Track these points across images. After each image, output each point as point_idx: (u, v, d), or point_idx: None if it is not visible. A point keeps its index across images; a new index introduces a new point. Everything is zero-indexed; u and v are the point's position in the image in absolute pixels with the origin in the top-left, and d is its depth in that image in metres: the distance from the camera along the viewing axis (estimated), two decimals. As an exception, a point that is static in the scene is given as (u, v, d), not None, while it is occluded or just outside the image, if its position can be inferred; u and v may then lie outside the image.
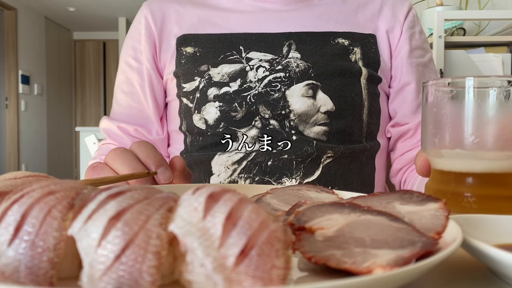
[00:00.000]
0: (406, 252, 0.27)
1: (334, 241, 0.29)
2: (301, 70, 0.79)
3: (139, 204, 0.25)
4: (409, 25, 0.88)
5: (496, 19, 1.97)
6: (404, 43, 0.86)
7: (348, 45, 0.82)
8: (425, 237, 0.29)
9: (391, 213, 0.33)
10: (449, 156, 0.46)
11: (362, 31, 0.85)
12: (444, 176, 0.48)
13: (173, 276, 0.27)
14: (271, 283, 0.22)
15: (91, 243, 0.24)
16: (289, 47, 0.81)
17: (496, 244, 0.33)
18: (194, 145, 0.82)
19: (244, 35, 0.83)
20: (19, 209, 0.25)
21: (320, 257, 0.27)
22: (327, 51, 0.81)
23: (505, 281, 0.30)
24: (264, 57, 0.80)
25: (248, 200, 0.26)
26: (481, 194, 0.45)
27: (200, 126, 0.80)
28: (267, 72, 0.78)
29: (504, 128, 0.44)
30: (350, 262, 0.26)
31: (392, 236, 0.29)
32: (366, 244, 0.28)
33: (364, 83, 0.81)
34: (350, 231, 0.30)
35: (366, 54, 0.83)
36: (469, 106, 0.45)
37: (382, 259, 0.26)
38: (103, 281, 0.23)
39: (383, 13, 0.88)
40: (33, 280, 0.24)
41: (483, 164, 0.45)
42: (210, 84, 0.79)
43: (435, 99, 0.47)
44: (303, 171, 0.75)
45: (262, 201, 0.44)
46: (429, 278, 0.31)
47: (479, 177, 0.45)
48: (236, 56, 0.80)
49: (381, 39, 0.86)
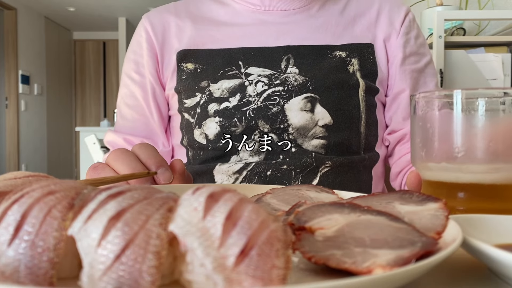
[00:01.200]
0: (406, 252, 0.27)
1: (334, 241, 0.29)
2: (299, 84, 0.79)
3: (139, 204, 0.25)
4: (405, 31, 0.88)
5: (496, 19, 1.97)
6: (398, 51, 0.86)
7: (345, 56, 0.83)
8: (425, 237, 0.29)
9: (391, 213, 0.33)
10: (436, 170, 0.46)
11: (359, 41, 0.85)
12: (433, 188, 0.48)
13: (173, 276, 0.27)
14: (271, 283, 0.22)
15: (91, 243, 0.24)
16: (287, 62, 0.81)
17: (496, 244, 0.33)
18: (195, 159, 0.83)
19: (243, 50, 0.83)
20: (19, 209, 0.25)
21: (320, 257, 0.27)
22: (324, 64, 0.81)
23: (505, 281, 0.30)
24: (263, 72, 0.81)
25: (248, 200, 0.26)
26: (470, 207, 0.44)
27: (201, 141, 0.81)
28: (266, 86, 0.79)
29: (489, 141, 0.43)
30: (350, 262, 0.26)
31: (392, 236, 0.29)
32: (366, 244, 0.29)
33: (362, 95, 0.81)
34: (350, 231, 0.30)
35: (364, 65, 0.83)
36: (456, 119, 0.44)
37: (382, 259, 0.26)
38: (103, 281, 0.23)
39: (380, 21, 0.88)
40: (33, 280, 0.24)
41: (471, 177, 0.44)
42: (211, 99, 0.80)
43: (422, 112, 0.47)
44: (301, 180, 0.77)
45: (262, 201, 0.44)
46: (429, 278, 0.31)
47: (468, 190, 0.45)
48: (236, 71, 0.81)
49: (378, 48, 0.86)
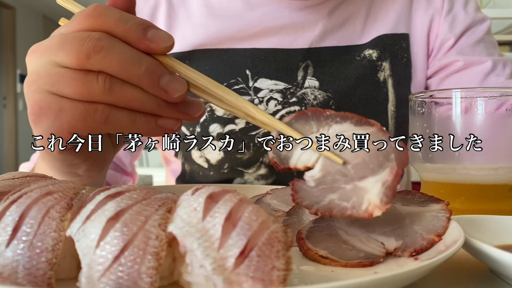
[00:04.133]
0: (387, 174, 0.31)
1: (325, 183, 0.32)
2: (319, 103, 0.68)
3: (138, 204, 0.25)
4: (448, 8, 0.72)
5: (497, 18, 1.97)
6: (446, 36, 0.71)
7: (376, 58, 0.70)
8: (391, 141, 0.32)
9: (352, 115, 0.34)
10: (435, 171, 0.46)
11: (393, 31, 0.71)
12: (432, 189, 0.48)
13: (172, 277, 0.27)
14: (271, 285, 0.22)
15: (90, 244, 0.23)
16: (305, 71, 0.68)
17: (498, 245, 0.33)
18: (193, 178, 0.72)
19: (251, 52, 0.68)
20: (17, 210, 0.25)
21: (324, 208, 0.31)
22: (351, 72, 0.69)
23: (506, 282, 0.30)
24: (276, 86, 0.67)
25: (248, 200, 0.26)
26: (469, 208, 0.44)
27: (201, 164, 0.70)
28: (280, 105, 0.67)
29: (488, 142, 0.42)
30: (350, 207, 0.30)
31: (369, 154, 0.32)
32: (353, 176, 0.32)
33: (391, 111, 0.70)
34: (332, 164, 0.33)
35: (396, 69, 0.70)
36: (455, 119, 0.44)
37: (373, 194, 0.30)
38: (101, 282, 0.22)
39: (416, 0, 0.73)
40: (31, 281, 0.23)
41: (469, 178, 0.44)
42: (213, 118, 0.67)
43: (420, 112, 0.47)
44: None
45: (262, 202, 0.43)
46: (431, 278, 0.31)
47: (467, 191, 0.45)
48: (242, 85, 0.67)
49: (416, 40, 0.72)
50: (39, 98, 0.35)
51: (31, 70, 0.36)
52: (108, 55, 0.33)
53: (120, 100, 0.35)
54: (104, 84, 0.34)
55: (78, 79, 0.34)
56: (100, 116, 0.35)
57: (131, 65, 0.34)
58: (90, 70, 0.34)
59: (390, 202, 0.30)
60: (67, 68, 0.34)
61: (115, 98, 0.34)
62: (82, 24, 0.35)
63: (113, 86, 0.34)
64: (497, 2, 2.13)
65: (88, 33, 0.34)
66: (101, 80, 0.34)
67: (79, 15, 0.35)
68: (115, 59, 0.33)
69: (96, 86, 0.34)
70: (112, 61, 0.33)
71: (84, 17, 0.35)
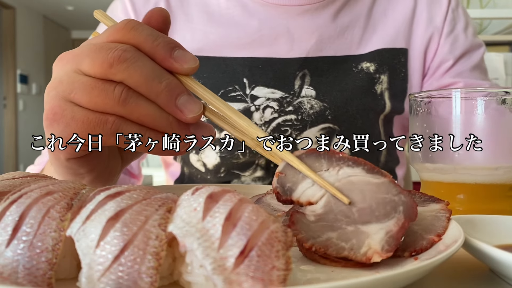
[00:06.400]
0: (392, 224, 0.30)
1: (325, 220, 0.31)
2: (315, 112, 0.68)
3: (138, 204, 0.25)
4: (449, 28, 0.72)
5: (497, 18, 1.97)
6: (444, 58, 0.72)
7: (374, 72, 0.70)
8: (402, 194, 0.31)
9: (365, 162, 0.33)
10: (434, 170, 0.46)
11: (392, 45, 0.71)
12: (432, 189, 0.48)
13: (172, 277, 0.27)
14: (271, 285, 0.22)
15: (90, 244, 0.23)
16: (302, 80, 0.69)
17: (498, 244, 0.33)
18: (192, 180, 0.74)
19: (249, 62, 0.69)
20: (17, 210, 0.25)
21: (319, 245, 0.29)
22: (348, 83, 0.69)
23: (506, 282, 0.30)
24: (273, 94, 0.68)
25: (248, 200, 0.26)
26: (469, 208, 0.44)
27: (199, 168, 0.72)
28: (276, 113, 0.68)
29: (488, 141, 0.43)
30: (348, 248, 0.29)
31: (375, 200, 0.31)
32: (356, 220, 0.30)
33: (381, 120, 0.71)
34: (336, 203, 0.32)
35: (393, 83, 0.71)
36: (455, 119, 0.44)
37: (375, 240, 0.29)
38: (101, 282, 0.22)
39: (417, 16, 0.73)
40: (31, 281, 0.23)
41: (469, 178, 0.44)
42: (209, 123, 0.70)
43: (420, 112, 0.47)
44: None
45: (262, 202, 0.43)
46: (431, 278, 0.31)
47: (467, 191, 0.45)
48: (239, 92, 0.68)
49: (413, 56, 0.72)
50: (55, 104, 0.36)
51: (55, 77, 0.37)
52: (131, 67, 0.34)
53: (132, 114, 0.35)
54: (120, 94, 0.34)
55: (96, 88, 0.34)
56: (110, 127, 0.35)
57: (152, 79, 0.34)
58: (111, 80, 0.34)
59: (391, 251, 0.28)
60: (89, 77, 0.35)
61: (128, 110, 0.35)
62: (113, 36, 0.35)
63: (129, 98, 0.34)
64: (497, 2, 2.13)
65: (116, 44, 0.34)
66: (118, 91, 0.34)
67: (112, 27, 0.36)
68: (137, 71, 0.34)
69: (112, 95, 0.34)
70: (134, 73, 0.34)
71: (115, 30, 0.35)
